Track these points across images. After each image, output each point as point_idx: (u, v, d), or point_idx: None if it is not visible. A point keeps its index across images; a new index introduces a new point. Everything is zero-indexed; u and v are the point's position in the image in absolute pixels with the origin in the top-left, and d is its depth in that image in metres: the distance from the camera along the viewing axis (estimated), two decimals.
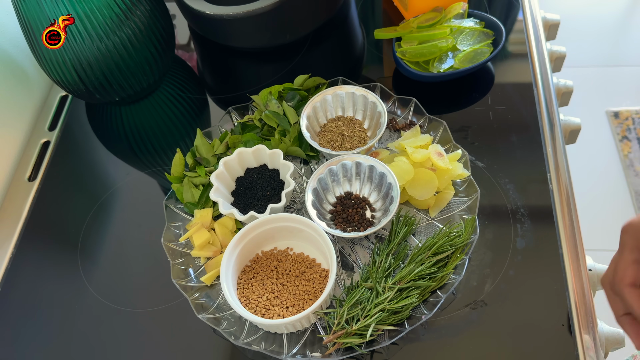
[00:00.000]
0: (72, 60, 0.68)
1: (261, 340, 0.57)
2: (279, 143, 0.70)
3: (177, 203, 0.69)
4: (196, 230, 0.64)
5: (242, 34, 0.78)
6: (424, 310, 0.57)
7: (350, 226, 0.63)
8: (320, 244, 0.60)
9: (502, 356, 0.55)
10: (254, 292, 0.59)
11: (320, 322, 0.58)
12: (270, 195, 0.66)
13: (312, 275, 0.60)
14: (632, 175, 1.60)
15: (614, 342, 0.57)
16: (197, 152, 0.71)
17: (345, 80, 0.75)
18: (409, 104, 0.72)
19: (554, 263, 0.60)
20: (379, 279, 0.57)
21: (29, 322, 0.64)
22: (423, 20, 0.77)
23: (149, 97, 0.83)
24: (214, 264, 0.63)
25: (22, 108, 0.82)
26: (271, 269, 0.61)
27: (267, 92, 0.74)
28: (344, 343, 0.54)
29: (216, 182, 0.65)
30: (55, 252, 0.69)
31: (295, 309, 0.57)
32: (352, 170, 0.65)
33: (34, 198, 0.75)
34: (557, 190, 0.65)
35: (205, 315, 0.59)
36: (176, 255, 0.64)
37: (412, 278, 0.57)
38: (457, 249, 0.59)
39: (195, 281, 0.63)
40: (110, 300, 0.64)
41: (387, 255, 0.59)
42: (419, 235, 0.63)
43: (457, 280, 0.57)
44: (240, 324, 0.59)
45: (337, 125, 0.71)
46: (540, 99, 0.73)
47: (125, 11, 0.68)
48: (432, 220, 0.64)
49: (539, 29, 0.82)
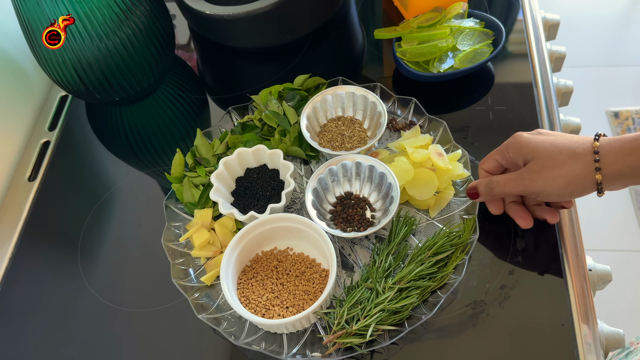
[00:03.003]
0: (72, 60, 0.68)
1: (261, 340, 0.57)
2: (279, 143, 0.70)
3: (177, 203, 0.69)
4: (196, 230, 0.64)
5: (242, 34, 0.78)
6: (424, 310, 0.57)
7: (350, 226, 0.63)
8: (320, 244, 0.60)
9: (502, 356, 0.55)
10: (254, 292, 0.59)
11: (320, 322, 0.58)
12: (270, 195, 0.66)
13: (312, 275, 0.60)
14: None
15: (614, 342, 0.57)
16: (197, 152, 0.71)
17: (345, 80, 0.75)
18: (409, 104, 0.72)
19: (554, 263, 0.60)
20: (379, 279, 0.57)
21: (29, 322, 0.64)
22: (423, 20, 0.77)
23: (149, 97, 0.83)
24: (214, 264, 0.63)
25: (22, 108, 0.82)
26: (271, 269, 0.61)
27: (267, 92, 0.74)
28: (344, 343, 0.54)
29: (216, 182, 0.65)
30: (55, 252, 0.69)
31: (295, 309, 0.57)
32: (352, 170, 0.65)
33: (34, 198, 0.75)
34: None
35: (205, 315, 0.59)
36: (176, 255, 0.64)
37: (412, 278, 0.57)
38: (457, 249, 0.59)
39: (195, 281, 0.63)
40: (110, 300, 0.64)
41: (387, 255, 0.59)
42: (419, 235, 0.63)
43: (457, 280, 0.57)
44: (240, 324, 0.59)
45: (337, 125, 0.71)
46: (540, 99, 0.73)
47: (125, 11, 0.68)
48: (432, 220, 0.64)
49: (539, 29, 0.82)
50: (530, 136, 0.56)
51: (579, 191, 0.54)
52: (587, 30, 1.97)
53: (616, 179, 0.52)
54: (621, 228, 1.52)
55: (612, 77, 1.83)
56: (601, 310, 0.57)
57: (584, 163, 0.52)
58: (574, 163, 0.52)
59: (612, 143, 0.52)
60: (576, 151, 0.53)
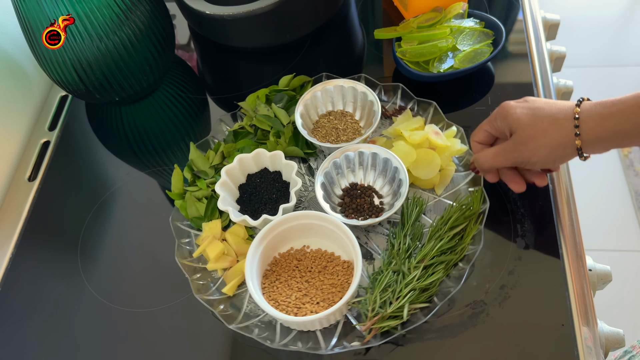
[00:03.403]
0: (72, 60, 0.68)
1: (296, 340, 0.57)
2: (275, 145, 0.70)
3: (183, 219, 0.67)
4: (209, 242, 0.63)
5: (242, 34, 0.78)
6: (449, 283, 0.58)
7: (361, 215, 0.63)
8: (337, 236, 0.60)
9: (502, 356, 0.55)
10: (280, 293, 0.59)
11: (351, 312, 0.58)
12: (277, 197, 0.66)
13: (335, 268, 0.60)
14: (632, 175, 1.60)
15: (614, 342, 0.57)
16: (194, 166, 0.70)
17: (330, 75, 0.75)
18: (397, 90, 0.73)
19: (554, 263, 0.60)
20: (403, 261, 0.59)
21: (29, 322, 0.64)
22: (423, 20, 0.77)
23: (149, 97, 0.83)
24: (233, 274, 0.62)
25: (22, 108, 0.82)
26: (292, 269, 0.61)
27: (254, 97, 0.74)
28: (381, 328, 0.55)
29: (222, 191, 0.65)
30: (55, 252, 0.69)
31: (326, 303, 0.57)
32: (355, 160, 0.66)
33: (34, 198, 0.75)
34: (557, 190, 0.65)
35: (236, 325, 0.58)
36: (192, 270, 0.63)
37: (435, 254, 0.59)
38: (470, 220, 0.61)
39: (218, 294, 0.61)
40: (110, 300, 0.64)
41: (405, 237, 0.61)
42: (429, 214, 0.65)
43: (478, 249, 0.59)
44: (270, 328, 0.59)
45: (329, 120, 0.72)
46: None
47: (125, 11, 0.68)
48: (439, 198, 0.66)
49: (539, 29, 0.82)
50: (515, 105, 0.57)
51: (561, 158, 0.55)
52: (587, 30, 1.97)
53: (596, 143, 0.53)
54: (621, 228, 1.52)
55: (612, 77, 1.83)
56: (601, 310, 0.57)
57: (564, 130, 0.53)
58: (555, 131, 0.53)
59: (592, 108, 0.52)
60: (557, 118, 0.54)
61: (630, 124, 0.50)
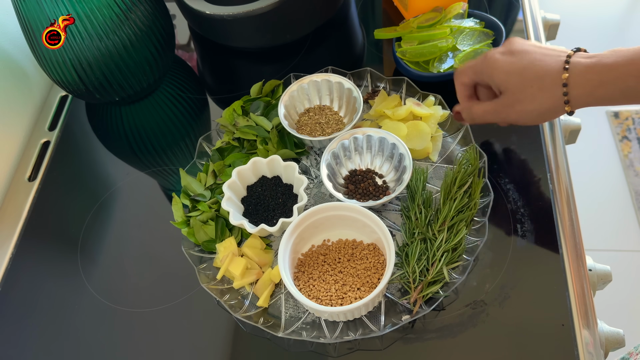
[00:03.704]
0: (72, 60, 0.68)
1: (346, 331, 0.57)
2: (265, 152, 0.70)
3: (194, 246, 0.66)
4: (230, 260, 0.62)
5: (242, 34, 0.78)
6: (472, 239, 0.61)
7: (370, 197, 0.64)
8: (355, 222, 0.61)
9: (502, 356, 0.55)
10: (319, 290, 0.59)
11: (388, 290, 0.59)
12: (284, 201, 0.66)
13: (362, 253, 0.61)
14: (632, 175, 1.60)
15: (614, 342, 0.57)
16: (190, 191, 0.69)
17: (298, 75, 0.76)
18: (365, 75, 0.75)
19: (554, 263, 0.60)
20: (426, 228, 0.60)
21: (29, 322, 0.64)
22: (423, 20, 0.77)
23: (149, 97, 0.83)
24: (263, 286, 0.61)
25: (22, 108, 0.82)
26: (321, 264, 0.61)
27: (230, 110, 0.74)
28: (427, 295, 0.57)
29: (228, 191, 0.64)
30: (55, 252, 0.70)
31: (367, 287, 0.58)
32: (351, 147, 0.67)
33: (34, 198, 0.75)
34: (557, 190, 0.65)
35: (283, 333, 0.57)
36: (220, 293, 0.61)
37: (454, 214, 0.61)
38: (474, 175, 0.63)
39: (254, 308, 0.60)
40: (110, 300, 0.64)
41: (418, 206, 0.62)
42: (431, 181, 0.67)
43: (490, 200, 0.62)
44: (316, 326, 0.58)
45: (310, 116, 0.72)
46: None
47: (125, 11, 0.68)
48: (436, 164, 0.68)
49: (539, 29, 0.82)
50: (502, 60, 0.56)
51: (550, 119, 0.58)
52: (587, 30, 1.97)
53: (584, 106, 0.54)
54: (621, 228, 1.52)
55: None
56: (601, 310, 0.57)
57: (553, 97, 0.54)
58: (544, 97, 0.54)
59: (582, 75, 0.52)
60: (545, 83, 0.54)
61: (619, 92, 0.51)
